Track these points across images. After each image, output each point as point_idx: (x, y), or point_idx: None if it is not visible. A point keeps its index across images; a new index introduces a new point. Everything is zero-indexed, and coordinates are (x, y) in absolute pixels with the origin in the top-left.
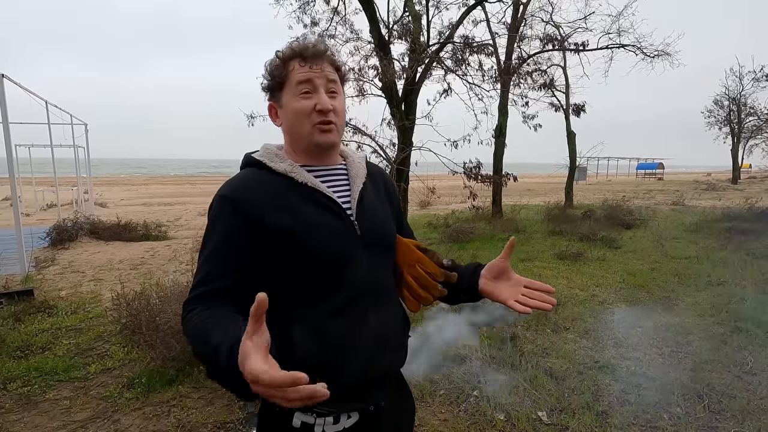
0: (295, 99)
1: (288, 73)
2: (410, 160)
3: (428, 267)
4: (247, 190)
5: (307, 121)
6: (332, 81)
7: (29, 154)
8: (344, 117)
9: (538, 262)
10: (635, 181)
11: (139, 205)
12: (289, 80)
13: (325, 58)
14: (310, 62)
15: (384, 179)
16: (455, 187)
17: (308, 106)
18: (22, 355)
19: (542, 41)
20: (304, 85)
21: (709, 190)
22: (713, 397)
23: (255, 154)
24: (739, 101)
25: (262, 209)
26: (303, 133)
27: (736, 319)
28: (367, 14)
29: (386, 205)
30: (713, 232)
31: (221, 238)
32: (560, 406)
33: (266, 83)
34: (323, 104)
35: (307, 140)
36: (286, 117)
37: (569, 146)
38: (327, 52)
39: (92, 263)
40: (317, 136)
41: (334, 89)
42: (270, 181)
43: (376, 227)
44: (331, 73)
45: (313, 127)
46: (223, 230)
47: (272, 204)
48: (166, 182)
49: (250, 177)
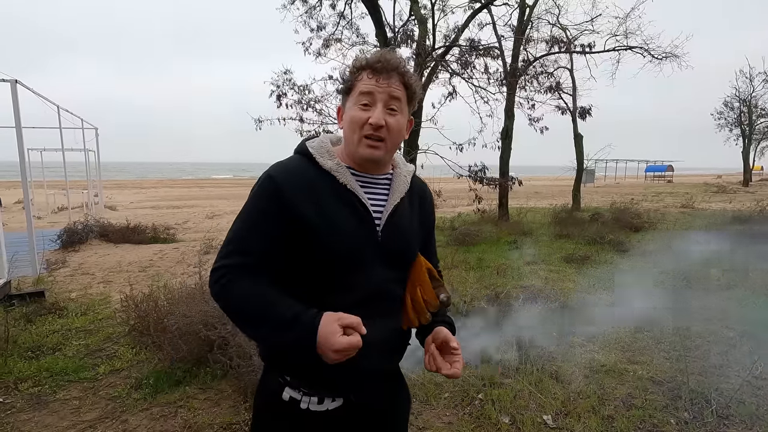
0: (353, 108)
1: (355, 82)
2: (416, 163)
3: (426, 293)
4: (292, 177)
5: (358, 132)
6: (395, 98)
7: (41, 158)
8: (399, 135)
9: (545, 265)
10: (644, 183)
11: (148, 208)
12: (354, 88)
13: (394, 74)
14: (378, 75)
15: (423, 198)
16: (461, 190)
17: (362, 118)
18: (33, 355)
19: (548, 44)
20: (365, 97)
21: (719, 193)
22: (722, 402)
23: (310, 143)
24: (749, 103)
25: (298, 198)
26: (353, 141)
27: (745, 322)
28: (373, 18)
29: (416, 223)
30: (723, 236)
31: (259, 213)
32: (566, 409)
33: (341, 87)
34: (376, 119)
35: (354, 150)
36: (344, 122)
37: (576, 149)
38: (398, 69)
39: (102, 265)
40: (363, 149)
41: (395, 107)
42: (314, 174)
43: (399, 241)
44: (396, 90)
45: (361, 140)
46: (261, 207)
47: (308, 196)
48: (174, 185)
49: (298, 166)
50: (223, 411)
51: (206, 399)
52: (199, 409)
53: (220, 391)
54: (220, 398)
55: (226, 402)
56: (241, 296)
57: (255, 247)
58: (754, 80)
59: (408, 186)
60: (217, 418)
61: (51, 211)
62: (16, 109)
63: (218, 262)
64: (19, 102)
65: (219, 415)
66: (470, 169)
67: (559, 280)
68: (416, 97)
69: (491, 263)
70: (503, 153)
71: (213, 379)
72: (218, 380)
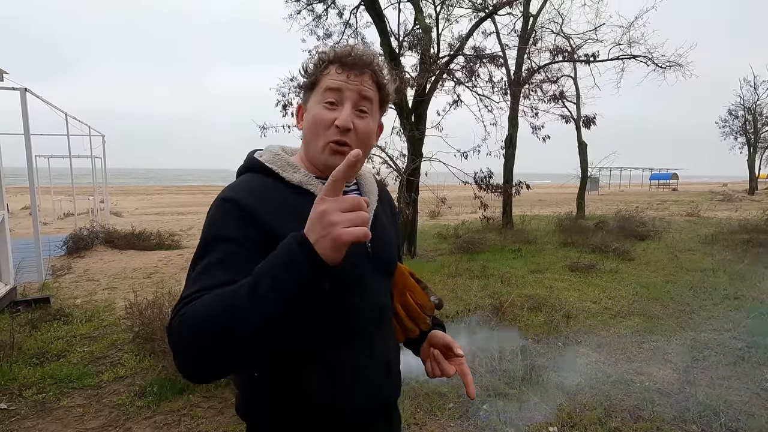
0: (317, 106)
1: (321, 76)
2: (420, 171)
3: (419, 297)
4: (259, 196)
5: (322, 135)
6: (366, 98)
7: (48, 164)
8: (369, 142)
9: (549, 274)
10: (649, 191)
11: (153, 214)
12: (319, 84)
13: (367, 71)
14: (349, 71)
15: (389, 199)
16: (465, 198)
17: (327, 119)
18: (37, 362)
19: (552, 53)
20: (331, 94)
21: (725, 201)
22: (730, 415)
23: (263, 158)
24: (754, 111)
25: (277, 220)
26: (316, 146)
27: (753, 333)
28: (378, 28)
29: (391, 227)
30: (730, 245)
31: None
32: (572, 421)
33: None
34: (343, 121)
35: (317, 157)
36: (305, 123)
37: (581, 156)
38: (371, 65)
39: (107, 272)
40: (328, 156)
41: (365, 108)
42: (282, 191)
43: (385, 249)
44: (368, 90)
45: (326, 144)
46: (230, 238)
47: (288, 216)
48: (180, 191)
49: (262, 184)
50: (226, 420)
51: (210, 407)
52: (202, 417)
53: (223, 400)
54: (224, 407)
55: (229, 410)
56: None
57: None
58: (758, 89)
59: (377, 189)
60: (220, 427)
61: (57, 217)
62: (25, 117)
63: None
64: (28, 109)
65: (222, 424)
66: (476, 176)
67: (564, 289)
68: (389, 100)
69: (495, 271)
70: (507, 161)
71: (216, 388)
72: (222, 388)
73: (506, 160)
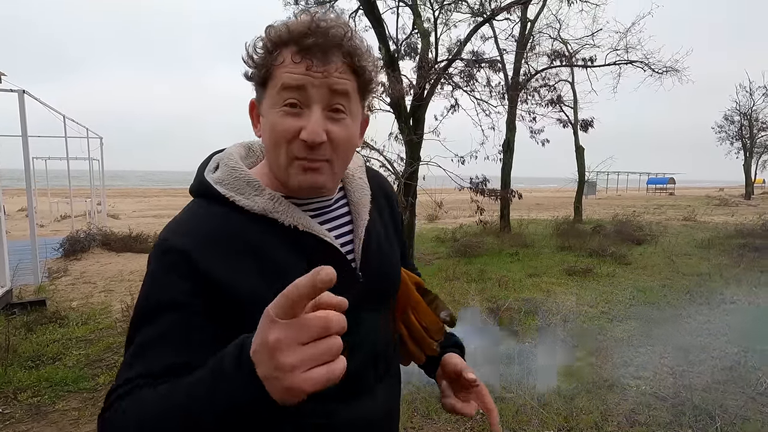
0: (275, 111)
1: (273, 68)
2: (418, 175)
3: (424, 318)
4: (210, 245)
5: (284, 150)
6: (340, 93)
7: (45, 166)
8: (351, 148)
9: (547, 278)
10: (646, 196)
11: (150, 216)
12: (273, 78)
13: (336, 53)
14: (310, 58)
15: (387, 196)
16: (463, 201)
17: (290, 129)
18: (33, 365)
19: (550, 57)
20: (291, 93)
21: (721, 206)
22: (726, 419)
23: (214, 176)
24: (750, 116)
25: (236, 278)
26: (279, 163)
27: (749, 338)
28: (377, 32)
29: (392, 235)
30: (726, 249)
31: (171, 316)
32: (568, 425)
33: (246, 71)
34: (311, 134)
35: (282, 176)
36: (264, 131)
37: (578, 161)
38: (342, 44)
39: (103, 274)
40: (296, 175)
41: (339, 106)
42: (243, 228)
43: (384, 274)
44: (339, 81)
45: (291, 162)
46: (173, 303)
47: (250, 266)
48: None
49: (213, 223)
50: None
51: None
52: None
53: None
54: None
55: None
56: (137, 409)
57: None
58: (754, 94)
59: (369, 192)
60: None
61: (54, 219)
62: (23, 119)
63: (110, 396)
64: (26, 111)
65: None
66: (471, 181)
67: (561, 293)
68: (373, 83)
69: (493, 275)
70: (505, 165)
71: None
72: None
73: (504, 164)
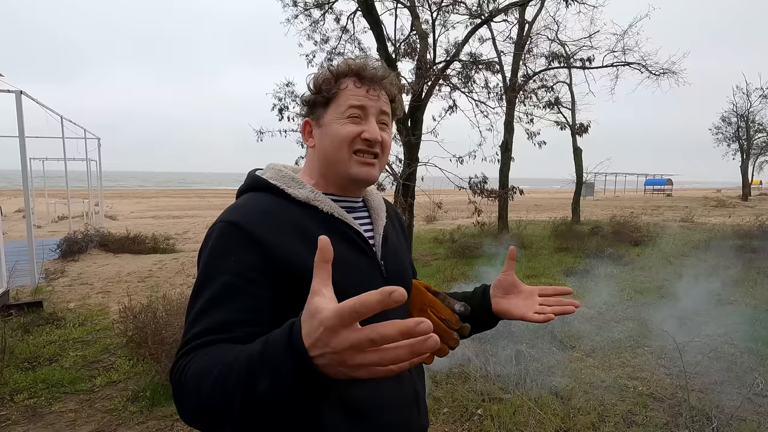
0: (339, 121)
1: (339, 92)
2: (416, 176)
3: (442, 312)
4: (262, 217)
5: (347, 148)
6: (385, 113)
7: (43, 167)
8: (389, 150)
9: (545, 279)
10: (643, 197)
11: (148, 218)
12: (337, 99)
13: (382, 86)
14: (368, 85)
15: (397, 215)
16: (461, 202)
17: (354, 132)
18: (29, 366)
19: (548, 59)
20: (354, 110)
21: (718, 207)
22: (722, 420)
23: (266, 175)
24: (747, 118)
25: (282, 243)
26: (340, 159)
27: (746, 339)
28: (375, 33)
29: (403, 242)
30: (723, 250)
31: (231, 279)
32: (565, 426)
33: (308, 96)
34: (372, 133)
35: (342, 169)
36: (323, 138)
37: (576, 162)
38: (386, 79)
39: (101, 275)
40: (356, 167)
41: (385, 121)
42: (288, 209)
43: (400, 267)
44: (385, 104)
45: (352, 156)
46: (233, 269)
47: (293, 236)
48: (175, 195)
49: (265, 203)
50: None
51: None
52: None
53: None
54: None
55: None
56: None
57: (230, 322)
58: (751, 96)
59: (384, 205)
60: None
61: (51, 220)
62: (20, 119)
63: (176, 356)
64: (23, 112)
65: None
66: (470, 181)
67: None
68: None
69: (491, 277)
70: (503, 166)
71: None
72: None
73: (502, 165)
